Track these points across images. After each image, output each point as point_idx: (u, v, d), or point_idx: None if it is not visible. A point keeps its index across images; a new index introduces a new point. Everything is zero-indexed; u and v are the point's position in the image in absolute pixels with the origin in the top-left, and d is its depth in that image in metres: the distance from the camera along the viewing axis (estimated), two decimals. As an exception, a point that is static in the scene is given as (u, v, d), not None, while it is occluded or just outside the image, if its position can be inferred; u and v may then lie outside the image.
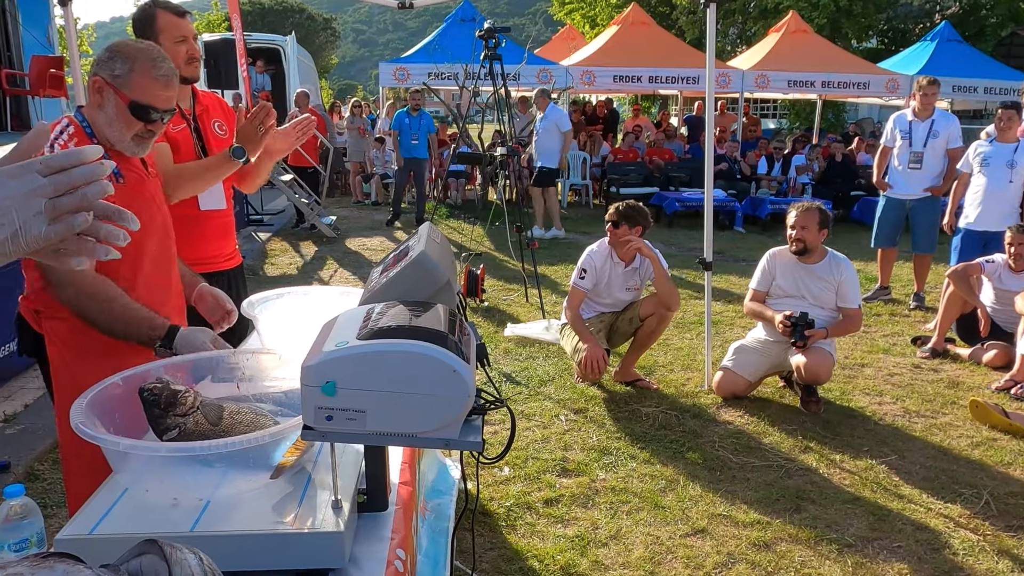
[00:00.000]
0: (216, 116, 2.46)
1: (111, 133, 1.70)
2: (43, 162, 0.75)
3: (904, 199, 5.75)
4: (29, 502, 1.17)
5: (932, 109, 5.64)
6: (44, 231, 0.75)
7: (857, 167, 10.68)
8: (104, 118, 1.70)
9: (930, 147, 5.59)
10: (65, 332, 1.71)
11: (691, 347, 4.78)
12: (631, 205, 4.01)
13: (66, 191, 0.75)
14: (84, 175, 0.76)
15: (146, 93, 1.68)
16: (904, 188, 5.74)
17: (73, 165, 0.76)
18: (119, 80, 1.67)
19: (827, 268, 3.84)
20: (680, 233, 9.12)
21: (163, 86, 1.70)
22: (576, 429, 3.57)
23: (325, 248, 8.12)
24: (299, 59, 14.35)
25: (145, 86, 1.67)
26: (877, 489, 3.06)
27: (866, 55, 16.66)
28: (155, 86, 1.68)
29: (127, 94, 1.67)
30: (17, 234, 0.75)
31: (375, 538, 1.30)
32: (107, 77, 1.68)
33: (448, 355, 1.12)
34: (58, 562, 0.77)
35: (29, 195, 0.74)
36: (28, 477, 2.98)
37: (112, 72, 1.68)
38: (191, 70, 2.27)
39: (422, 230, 1.51)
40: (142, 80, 1.67)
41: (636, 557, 2.57)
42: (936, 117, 5.60)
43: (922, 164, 5.62)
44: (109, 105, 1.69)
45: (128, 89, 1.67)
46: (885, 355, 4.72)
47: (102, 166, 0.77)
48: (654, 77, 11.99)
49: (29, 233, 0.75)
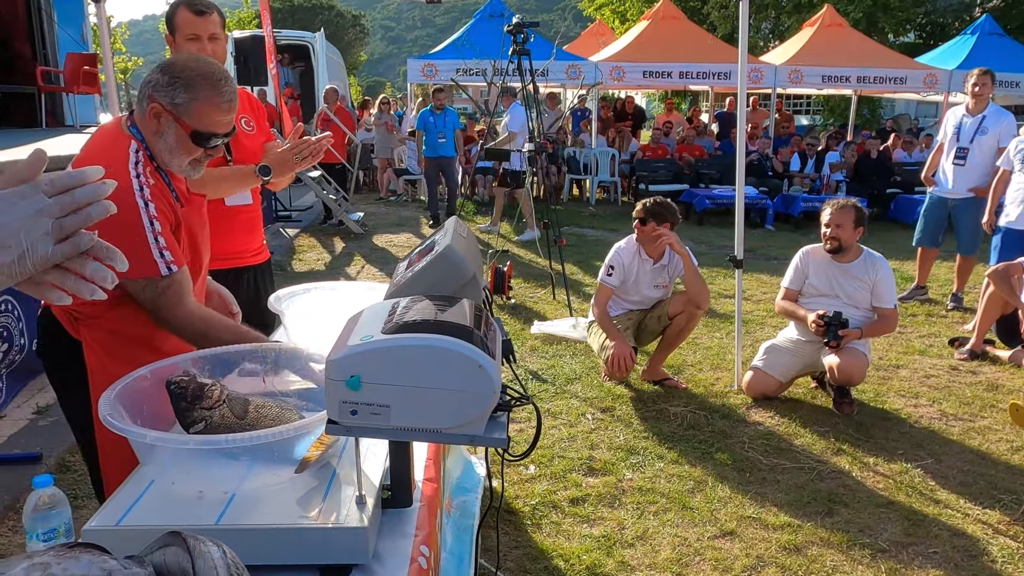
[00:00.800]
0: (243, 112, 2.44)
1: (169, 159, 1.64)
2: (49, 182, 0.75)
3: (946, 197, 5.59)
4: (57, 492, 1.18)
5: (986, 104, 5.41)
6: (51, 251, 0.75)
7: (893, 164, 10.45)
8: (164, 145, 1.63)
9: (976, 144, 5.39)
10: (104, 338, 1.69)
11: (721, 346, 4.71)
12: (659, 201, 3.96)
13: (71, 211, 0.76)
14: (87, 195, 0.76)
15: (209, 122, 1.60)
16: (947, 186, 5.57)
17: (77, 185, 0.76)
18: (180, 109, 1.58)
19: (862, 267, 3.75)
20: (710, 231, 9.01)
21: (226, 111, 1.62)
22: (603, 428, 3.54)
23: (352, 244, 8.17)
24: (328, 56, 14.45)
25: (208, 115, 1.59)
26: (912, 493, 2.98)
27: (903, 50, 16.30)
28: (218, 113, 1.60)
29: (189, 123, 1.59)
30: (24, 255, 0.75)
31: (399, 534, 1.29)
32: (167, 104, 1.58)
33: (473, 350, 1.11)
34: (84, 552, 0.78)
35: (37, 215, 0.74)
36: (60, 468, 3.04)
37: (172, 100, 1.58)
38: None
39: (448, 224, 1.50)
40: (205, 109, 1.58)
41: (663, 559, 2.54)
42: (988, 113, 5.38)
43: (966, 161, 5.42)
44: (169, 133, 1.61)
45: (189, 118, 1.58)
46: (921, 356, 4.60)
47: (104, 185, 0.77)
48: (685, 73, 11.84)
49: (36, 254, 0.75)
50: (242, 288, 2.37)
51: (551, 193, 6.80)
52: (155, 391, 1.42)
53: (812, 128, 16.93)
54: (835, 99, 19.50)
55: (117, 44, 16.15)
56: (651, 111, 22.53)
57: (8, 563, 0.74)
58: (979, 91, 5.37)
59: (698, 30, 13.84)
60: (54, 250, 0.75)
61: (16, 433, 3.31)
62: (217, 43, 2.23)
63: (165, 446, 1.22)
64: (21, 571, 0.73)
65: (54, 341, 1.72)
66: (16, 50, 7.23)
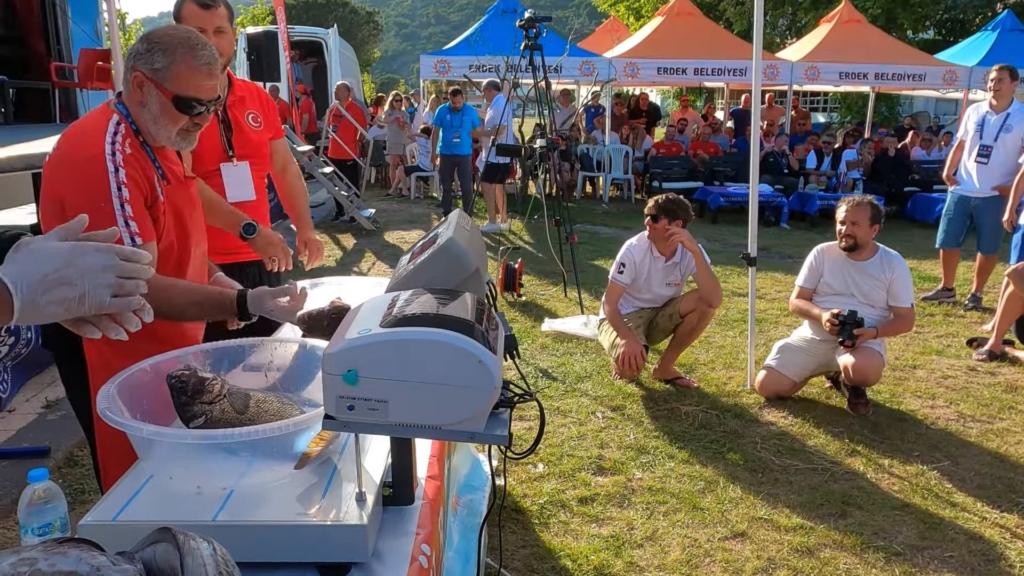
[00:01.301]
0: (251, 107, 2.43)
1: (156, 130, 1.63)
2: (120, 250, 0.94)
3: (969, 196, 5.49)
4: (53, 486, 1.17)
5: (1009, 100, 5.32)
6: (108, 301, 0.93)
7: (911, 162, 10.31)
8: (148, 115, 1.63)
9: (1000, 141, 5.28)
10: None
11: (733, 345, 4.66)
12: (671, 198, 3.91)
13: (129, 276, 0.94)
14: (140, 271, 0.95)
15: (190, 86, 1.59)
16: (970, 185, 5.47)
17: (139, 261, 0.96)
18: (159, 74, 1.58)
19: (878, 265, 3.69)
20: (724, 229, 8.93)
21: (206, 75, 1.61)
22: (613, 427, 3.51)
23: (364, 241, 8.18)
24: (341, 52, 14.47)
25: (188, 78, 1.58)
26: (928, 496, 2.93)
27: (922, 46, 16.10)
28: (198, 76, 1.59)
29: (170, 89, 1.59)
30: (84, 296, 0.91)
31: (400, 533, 1.27)
32: (147, 72, 1.59)
33: (474, 345, 1.08)
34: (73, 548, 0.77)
35: (106, 270, 0.92)
36: (67, 463, 3.05)
37: (152, 66, 1.59)
38: None
39: (451, 217, 1.47)
40: (184, 72, 1.58)
41: (673, 559, 2.50)
42: (1013, 110, 5.28)
43: (989, 159, 5.32)
44: (152, 101, 1.61)
45: (169, 83, 1.58)
46: (939, 357, 4.52)
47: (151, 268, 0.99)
48: (700, 69, 11.73)
49: (94, 298, 0.92)
50: (245, 283, 2.36)
51: (564, 190, 6.76)
52: (156, 385, 1.41)
53: (829, 125, 16.72)
54: (852, 96, 19.27)
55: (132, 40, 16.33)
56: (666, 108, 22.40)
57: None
58: (998, 87, 5.28)
59: (714, 26, 13.73)
60: (111, 301, 0.93)
61: (25, 427, 3.33)
62: (223, 37, 2.20)
63: (163, 441, 1.21)
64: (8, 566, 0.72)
65: (59, 334, 1.71)
66: (31, 46, 7.28)
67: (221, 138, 2.34)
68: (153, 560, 0.80)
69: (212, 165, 2.33)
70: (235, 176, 2.36)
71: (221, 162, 2.34)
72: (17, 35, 7.34)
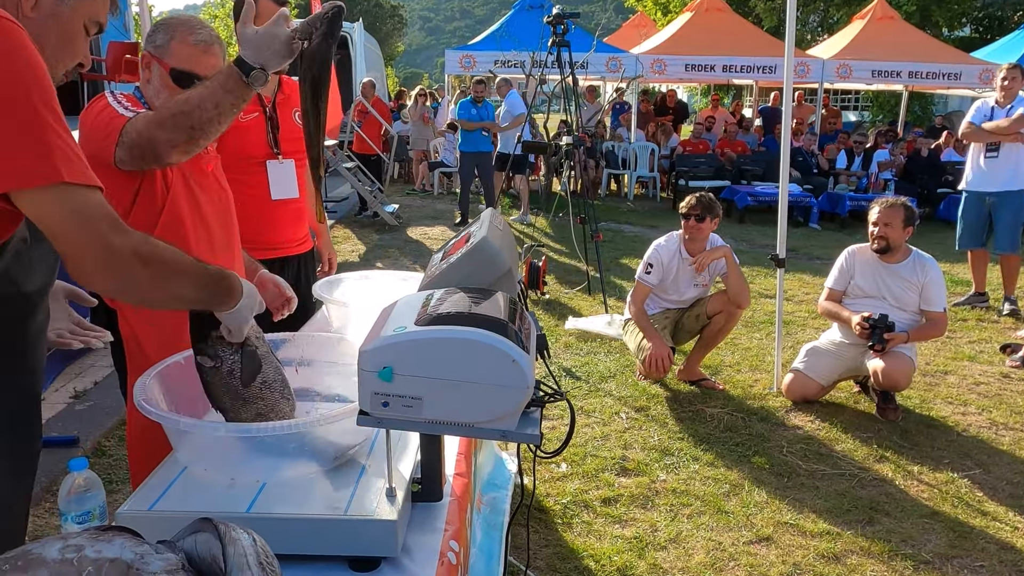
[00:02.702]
0: (297, 105, 2.46)
1: (159, 104, 1.72)
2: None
3: (983, 192, 5.39)
4: (92, 476, 1.20)
5: (1015, 96, 5.25)
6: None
7: (944, 163, 10.11)
8: (152, 91, 1.75)
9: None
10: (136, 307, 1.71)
11: (760, 347, 4.61)
12: (707, 196, 3.88)
13: None
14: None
15: (185, 59, 1.71)
16: (982, 181, 5.38)
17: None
18: (160, 50, 1.72)
19: (911, 268, 3.62)
20: (752, 229, 8.84)
21: (202, 51, 1.73)
22: (637, 427, 3.49)
23: (387, 236, 8.22)
24: (366, 46, 14.51)
25: (184, 53, 1.71)
26: (958, 504, 2.87)
27: (958, 44, 15.74)
28: (194, 51, 1.72)
29: (168, 62, 1.72)
30: None
31: (428, 529, 1.28)
32: (151, 50, 1.73)
33: (508, 344, 1.09)
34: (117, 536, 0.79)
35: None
36: (95, 452, 3.11)
37: (155, 44, 1.73)
38: None
39: (484, 216, 1.48)
40: (180, 47, 1.71)
41: (696, 562, 2.49)
42: (1017, 103, 5.21)
43: (999, 152, 5.24)
44: (155, 77, 1.74)
45: (168, 57, 1.72)
46: (971, 363, 4.44)
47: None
48: (728, 66, 11.60)
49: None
50: (286, 277, 2.40)
51: (588, 188, 6.72)
52: (191, 377, 1.43)
53: (859, 124, 16.45)
54: (884, 95, 18.90)
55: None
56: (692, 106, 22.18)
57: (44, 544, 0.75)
58: (1008, 85, 5.23)
59: (743, 22, 13.54)
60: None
61: (54, 416, 3.39)
62: None
63: (198, 433, 1.23)
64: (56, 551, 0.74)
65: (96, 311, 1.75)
66: None
67: (268, 135, 2.36)
68: (195, 549, 0.82)
69: (258, 161, 2.36)
70: (280, 173, 2.38)
71: (267, 159, 2.36)
72: None
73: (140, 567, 0.75)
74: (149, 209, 1.69)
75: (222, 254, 1.85)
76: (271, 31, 1.43)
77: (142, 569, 0.75)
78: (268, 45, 1.43)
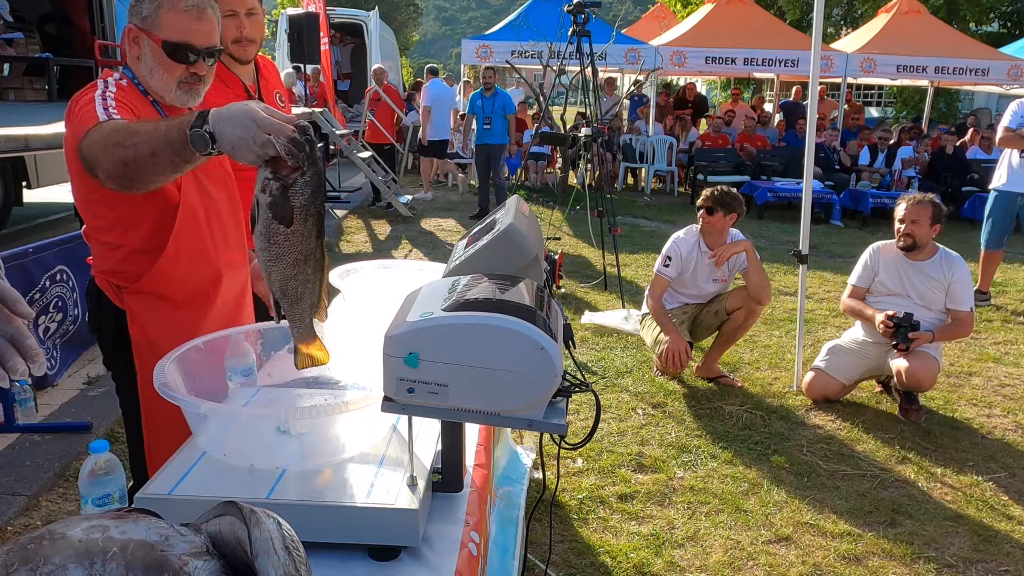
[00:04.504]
0: (277, 86, 2.37)
1: (155, 83, 1.58)
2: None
3: (1016, 193, 5.28)
4: (113, 458, 1.19)
5: None
6: None
7: (969, 161, 9.93)
8: (145, 68, 1.57)
9: None
10: (149, 306, 1.67)
11: (780, 345, 4.55)
12: (725, 191, 3.82)
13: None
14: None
15: (178, 29, 1.53)
16: (1017, 182, 5.26)
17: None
18: (148, 22, 1.54)
19: (937, 266, 3.55)
20: (771, 225, 8.74)
21: (195, 18, 1.54)
22: (654, 424, 3.46)
23: (400, 227, 8.19)
24: (381, 35, 14.47)
25: (175, 21, 1.53)
26: (982, 507, 2.82)
27: (986, 39, 15.46)
28: (186, 19, 1.53)
29: (159, 35, 1.53)
30: None
31: (449, 519, 1.27)
32: (138, 23, 1.55)
33: (536, 331, 1.07)
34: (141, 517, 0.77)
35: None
36: (108, 439, 3.11)
37: (141, 15, 1.54)
38: (238, 50, 2.06)
39: (510, 203, 1.45)
40: (170, 15, 1.52)
41: (714, 561, 2.45)
42: None
43: None
44: (146, 53, 1.56)
45: (158, 29, 1.53)
46: (996, 364, 4.35)
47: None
48: (750, 59, 11.45)
49: None
50: None
51: (605, 181, 6.67)
52: (209, 362, 1.42)
53: (883, 120, 16.20)
54: (909, 91, 18.61)
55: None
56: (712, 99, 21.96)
57: (67, 523, 0.75)
58: None
59: (765, 15, 13.36)
60: None
61: (67, 402, 3.41)
62: (255, 19, 2.10)
63: (218, 417, 1.21)
64: (81, 531, 0.73)
65: (101, 312, 1.71)
66: (76, 24, 7.44)
67: None
68: (219, 533, 0.80)
69: None
70: None
71: None
72: (63, 13, 7.51)
73: (165, 549, 0.74)
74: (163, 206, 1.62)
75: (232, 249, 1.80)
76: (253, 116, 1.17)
77: (167, 551, 0.73)
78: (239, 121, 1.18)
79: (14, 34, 6.89)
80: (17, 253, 3.35)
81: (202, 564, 0.74)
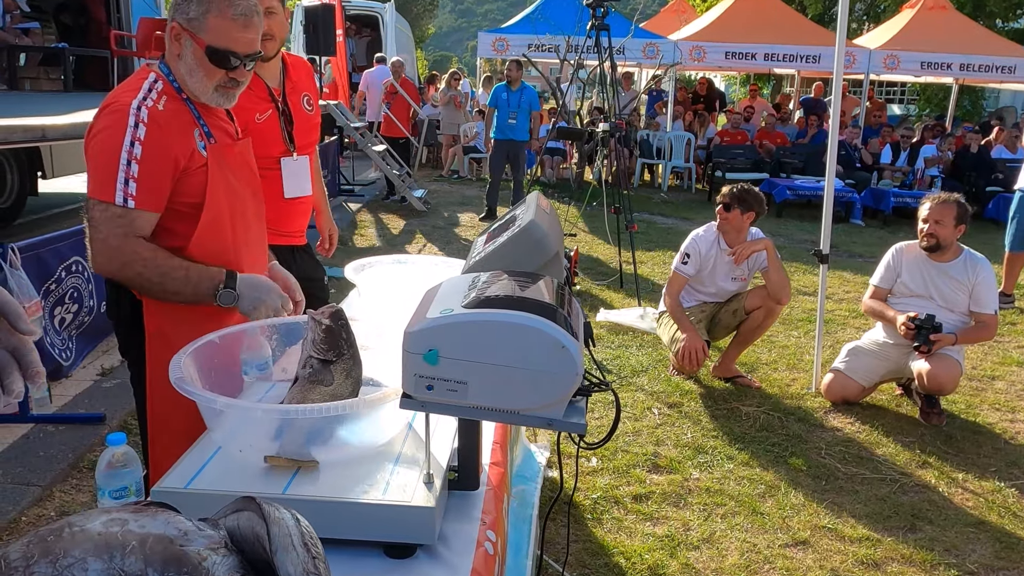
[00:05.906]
0: (305, 89, 2.34)
1: (193, 84, 1.59)
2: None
3: None
4: (130, 451, 1.19)
5: None
6: None
7: (994, 160, 9.77)
8: (185, 67, 1.58)
9: None
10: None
11: (798, 346, 4.49)
12: (745, 188, 3.77)
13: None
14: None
15: (224, 36, 1.54)
16: None
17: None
18: (194, 24, 1.54)
19: (962, 268, 3.48)
20: (790, 224, 8.66)
21: (242, 26, 1.55)
22: (669, 424, 3.42)
23: (415, 221, 8.17)
24: (397, 27, 14.43)
25: (222, 28, 1.53)
26: (1005, 514, 2.76)
27: (1013, 36, 15.18)
28: (233, 27, 1.54)
29: (203, 39, 1.54)
30: None
31: (465, 518, 1.26)
32: (183, 22, 1.55)
33: (556, 329, 1.05)
34: (160, 511, 0.77)
35: None
36: (122, 430, 3.12)
37: (187, 16, 1.54)
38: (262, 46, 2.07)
39: (530, 199, 1.43)
40: (218, 22, 1.53)
41: (730, 564, 2.42)
42: None
43: None
44: (187, 53, 1.57)
45: (204, 33, 1.54)
46: (1020, 368, 4.27)
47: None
48: (770, 55, 11.31)
49: None
50: (298, 263, 2.35)
51: (622, 177, 6.61)
52: (224, 356, 1.41)
53: (905, 118, 15.99)
54: (932, 88, 18.34)
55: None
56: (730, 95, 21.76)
57: (86, 516, 0.74)
58: None
59: (786, 9, 13.18)
60: None
61: (80, 393, 3.42)
62: (274, 17, 2.08)
63: (234, 413, 1.21)
64: (100, 524, 0.73)
65: (119, 299, 1.71)
66: (92, 14, 7.48)
67: (282, 132, 2.24)
68: (237, 528, 0.80)
69: (272, 159, 2.24)
70: (294, 170, 2.27)
71: (281, 156, 2.24)
72: (79, 3, 7.55)
73: (184, 544, 0.73)
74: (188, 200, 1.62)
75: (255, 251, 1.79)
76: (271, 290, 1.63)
77: (185, 546, 0.73)
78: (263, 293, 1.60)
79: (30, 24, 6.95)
80: (34, 243, 3.36)
81: (220, 559, 0.74)
